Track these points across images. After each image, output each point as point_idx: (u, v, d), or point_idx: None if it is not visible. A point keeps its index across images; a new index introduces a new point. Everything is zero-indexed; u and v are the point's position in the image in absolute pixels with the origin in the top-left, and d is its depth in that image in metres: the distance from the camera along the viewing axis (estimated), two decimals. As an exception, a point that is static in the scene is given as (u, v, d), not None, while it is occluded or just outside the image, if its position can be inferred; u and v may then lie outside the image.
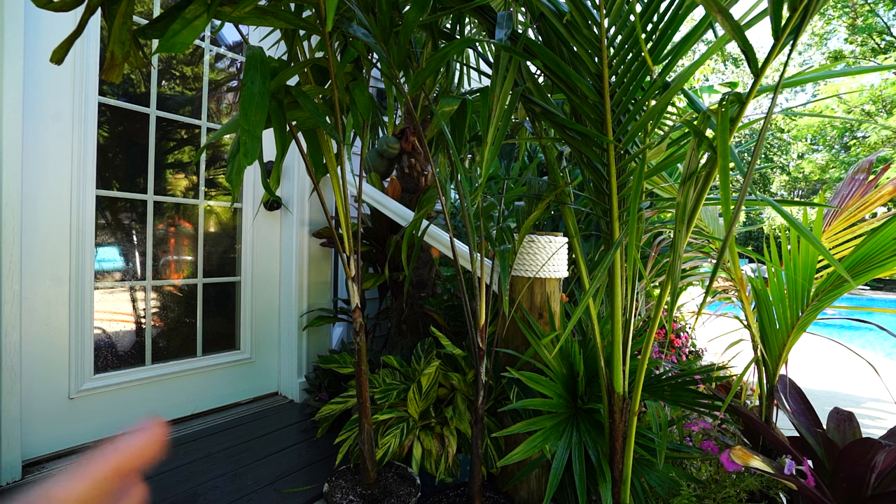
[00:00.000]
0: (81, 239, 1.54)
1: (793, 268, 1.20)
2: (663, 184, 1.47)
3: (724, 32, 0.69)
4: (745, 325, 1.40)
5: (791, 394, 1.38)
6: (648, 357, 0.92)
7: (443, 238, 1.69)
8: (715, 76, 18.03)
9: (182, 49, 0.72)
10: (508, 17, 0.92)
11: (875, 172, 1.38)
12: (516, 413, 1.36)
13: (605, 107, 0.89)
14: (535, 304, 1.41)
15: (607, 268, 0.89)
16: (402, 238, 1.32)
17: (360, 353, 1.24)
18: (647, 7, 0.80)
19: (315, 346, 2.15)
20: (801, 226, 0.63)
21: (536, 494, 1.35)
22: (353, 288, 1.23)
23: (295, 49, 1.10)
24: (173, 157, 1.88)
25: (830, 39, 15.04)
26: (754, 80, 0.67)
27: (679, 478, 1.17)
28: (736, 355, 1.60)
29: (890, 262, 1.04)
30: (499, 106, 0.95)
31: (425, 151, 1.22)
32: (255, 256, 2.08)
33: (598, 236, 2.17)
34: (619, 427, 1.00)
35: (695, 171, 0.75)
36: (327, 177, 1.93)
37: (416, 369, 1.56)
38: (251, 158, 0.76)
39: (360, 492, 1.28)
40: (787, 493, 1.20)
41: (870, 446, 1.00)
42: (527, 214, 1.42)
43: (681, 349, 2.43)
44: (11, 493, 1.29)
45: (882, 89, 11.81)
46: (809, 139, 15.91)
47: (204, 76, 1.91)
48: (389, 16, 0.94)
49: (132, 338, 1.73)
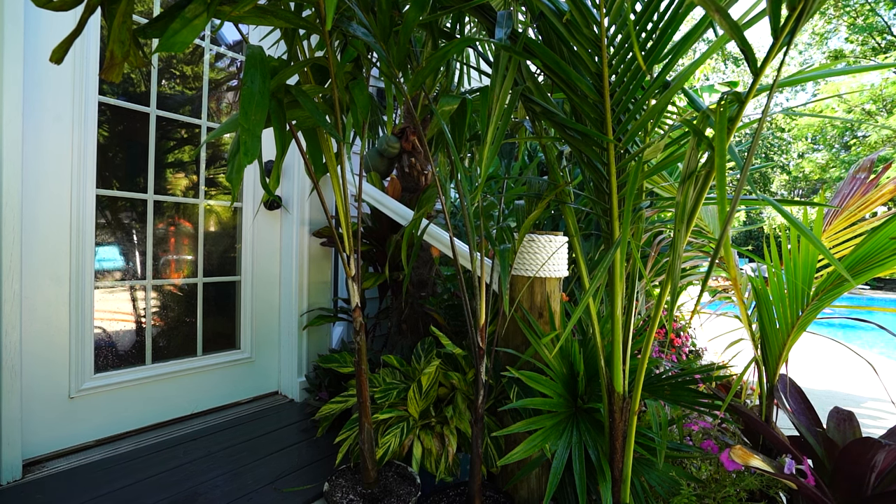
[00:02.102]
0: (81, 238, 1.54)
1: (793, 267, 1.20)
2: (663, 183, 1.47)
3: (724, 32, 0.69)
4: (746, 324, 1.40)
5: (791, 393, 1.38)
6: (648, 356, 0.92)
7: (443, 237, 1.69)
8: (715, 75, 18.02)
9: (182, 48, 0.72)
10: (508, 17, 0.92)
11: (875, 172, 1.38)
12: (516, 412, 1.36)
13: (605, 106, 0.89)
14: (535, 303, 1.41)
15: (607, 267, 0.89)
16: (402, 237, 1.32)
17: (360, 352, 1.24)
18: (646, 6, 0.80)
19: (315, 345, 2.15)
20: (802, 225, 0.63)
21: (536, 494, 1.35)
22: (353, 287, 1.23)
23: (295, 48, 1.10)
24: (173, 156, 1.88)
25: (831, 39, 15.04)
26: (753, 79, 0.67)
27: (679, 477, 1.17)
28: (736, 355, 1.60)
29: (890, 261, 1.04)
30: (498, 105, 0.95)
31: (425, 151, 1.22)
32: (256, 256, 2.08)
33: (598, 236, 2.17)
34: (619, 426, 1.00)
35: (694, 170, 0.75)
36: (327, 176, 1.93)
37: (417, 368, 1.56)
38: (251, 157, 0.76)
39: (361, 491, 1.29)
40: (787, 493, 1.20)
41: (870, 446, 1.00)
42: (527, 214, 1.42)
43: (681, 348, 2.43)
44: (12, 492, 1.29)
45: (882, 88, 11.80)
46: (810, 138, 15.90)
47: (204, 75, 1.91)
48: (389, 15, 0.94)
49: (132, 337, 1.73)
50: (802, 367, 3.59)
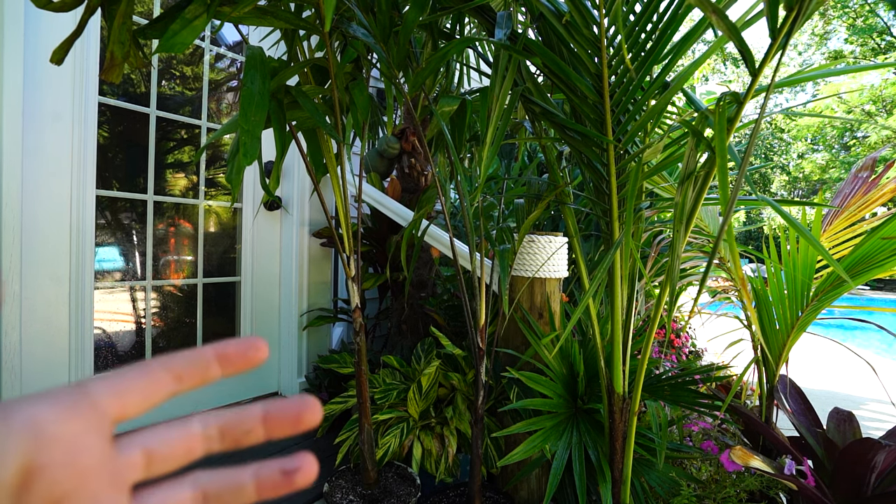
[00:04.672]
0: (81, 239, 1.54)
1: (792, 268, 1.20)
2: (663, 183, 1.47)
3: (722, 33, 0.69)
4: (746, 325, 1.40)
5: (791, 394, 1.38)
6: (648, 357, 0.92)
7: (443, 238, 1.69)
8: (715, 76, 18.04)
9: (182, 49, 0.73)
10: (508, 17, 0.92)
11: (876, 173, 1.38)
12: (516, 413, 1.36)
13: (604, 107, 0.89)
14: (534, 303, 1.41)
15: (607, 268, 0.89)
16: (402, 238, 1.32)
17: (360, 353, 1.24)
18: (646, 7, 0.80)
19: (315, 346, 2.15)
20: (801, 226, 0.64)
21: (536, 494, 1.35)
22: (353, 288, 1.23)
23: (295, 49, 1.10)
24: (173, 156, 1.88)
25: (830, 39, 15.05)
26: (752, 80, 0.67)
27: (679, 478, 1.17)
28: (736, 355, 1.60)
29: (889, 261, 1.04)
30: (498, 106, 0.95)
31: (425, 151, 1.22)
32: (255, 256, 2.08)
33: (598, 236, 2.17)
34: (619, 427, 1.00)
35: (693, 170, 0.75)
36: (327, 177, 1.93)
37: (416, 369, 1.56)
38: (251, 158, 0.77)
39: (360, 492, 1.28)
40: (787, 493, 1.20)
41: (870, 446, 0.99)
42: (526, 214, 1.42)
43: (681, 349, 2.43)
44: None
45: (882, 89, 11.81)
46: (809, 139, 15.91)
47: (204, 76, 1.91)
48: (389, 16, 0.94)
49: (132, 338, 1.73)
50: (802, 368, 3.59)
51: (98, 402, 0.17)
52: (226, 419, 0.19)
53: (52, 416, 0.15)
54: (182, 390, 0.20)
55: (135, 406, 0.18)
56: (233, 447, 0.20)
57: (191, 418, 0.19)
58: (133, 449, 0.18)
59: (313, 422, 0.20)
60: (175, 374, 0.19)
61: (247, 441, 0.20)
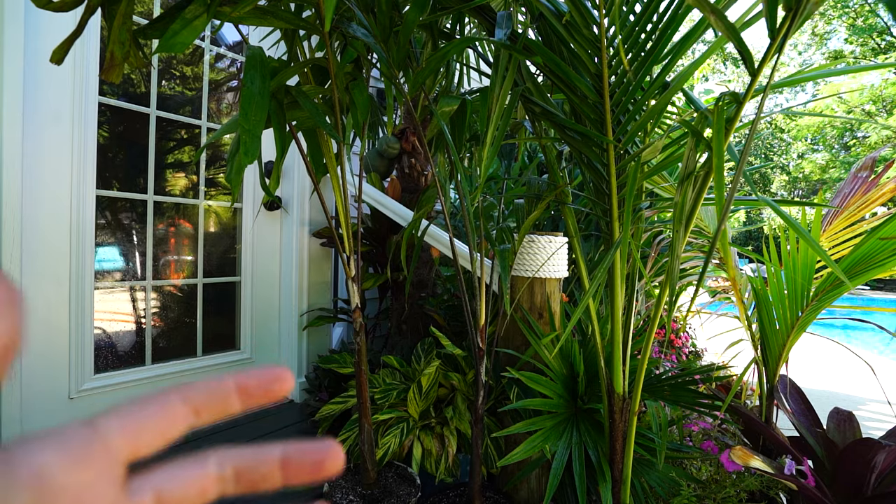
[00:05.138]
0: (81, 239, 1.54)
1: (792, 268, 1.20)
2: (663, 183, 1.47)
3: (721, 34, 0.69)
4: (745, 325, 1.40)
5: (791, 394, 1.38)
6: (648, 357, 0.92)
7: (443, 238, 1.69)
8: (715, 76, 18.04)
9: (182, 49, 0.73)
10: (508, 17, 0.92)
11: (876, 172, 1.38)
12: (516, 413, 1.36)
13: (604, 107, 0.89)
14: (535, 304, 1.41)
15: (607, 268, 0.89)
16: (402, 238, 1.32)
17: (360, 353, 1.24)
18: (646, 7, 0.80)
19: (315, 346, 2.15)
20: (799, 227, 0.64)
21: (536, 494, 1.35)
22: (353, 288, 1.23)
23: (295, 49, 1.10)
24: (173, 156, 1.88)
25: (830, 39, 15.05)
26: (751, 80, 0.67)
27: (679, 478, 1.17)
28: (736, 355, 1.60)
29: (889, 261, 1.04)
30: (498, 106, 0.95)
31: (425, 151, 1.22)
32: (255, 256, 2.08)
33: (598, 236, 2.17)
34: (619, 427, 1.00)
35: (693, 170, 0.75)
36: (327, 177, 1.92)
37: (416, 369, 1.56)
38: (251, 158, 0.77)
39: (360, 491, 1.28)
40: (787, 493, 1.20)
41: (870, 446, 1.00)
42: (526, 214, 1.42)
43: (681, 349, 2.43)
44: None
45: (882, 89, 11.81)
46: (809, 139, 15.91)
47: (204, 76, 1.91)
48: (389, 16, 0.94)
49: (132, 338, 1.73)
50: (802, 368, 3.59)
51: (110, 444, 0.16)
52: (243, 460, 0.19)
53: (59, 464, 0.15)
54: (199, 425, 0.19)
55: (149, 445, 0.17)
56: (248, 492, 0.19)
57: (207, 456, 0.18)
58: (145, 494, 0.17)
59: (334, 469, 0.19)
60: (194, 407, 0.18)
61: (263, 487, 0.19)
